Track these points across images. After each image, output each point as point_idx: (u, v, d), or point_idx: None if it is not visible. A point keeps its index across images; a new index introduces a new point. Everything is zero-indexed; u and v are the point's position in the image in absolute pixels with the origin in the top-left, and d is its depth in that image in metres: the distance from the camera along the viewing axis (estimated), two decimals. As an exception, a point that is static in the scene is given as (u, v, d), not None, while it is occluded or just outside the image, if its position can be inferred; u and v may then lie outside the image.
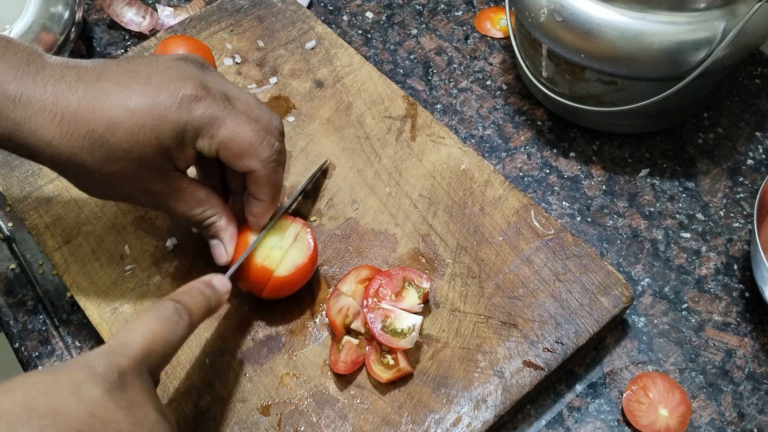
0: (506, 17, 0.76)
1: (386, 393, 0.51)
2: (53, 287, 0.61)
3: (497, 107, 0.72)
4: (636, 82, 0.61)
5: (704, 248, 0.62)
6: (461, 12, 0.80)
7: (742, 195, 0.65)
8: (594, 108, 0.64)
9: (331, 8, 0.81)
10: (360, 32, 0.78)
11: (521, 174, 0.67)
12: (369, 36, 0.78)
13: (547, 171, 0.67)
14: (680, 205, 0.65)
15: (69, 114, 0.44)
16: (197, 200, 0.49)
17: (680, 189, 0.66)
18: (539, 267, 0.55)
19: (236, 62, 0.69)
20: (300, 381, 0.51)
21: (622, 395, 0.54)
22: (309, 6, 0.81)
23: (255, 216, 0.51)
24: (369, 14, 0.80)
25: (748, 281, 0.60)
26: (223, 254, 0.51)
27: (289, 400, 0.51)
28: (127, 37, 0.79)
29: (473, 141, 0.69)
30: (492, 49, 0.77)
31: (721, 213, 0.64)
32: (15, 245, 0.64)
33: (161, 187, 0.48)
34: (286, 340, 0.53)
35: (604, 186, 0.66)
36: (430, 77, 0.74)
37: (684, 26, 0.56)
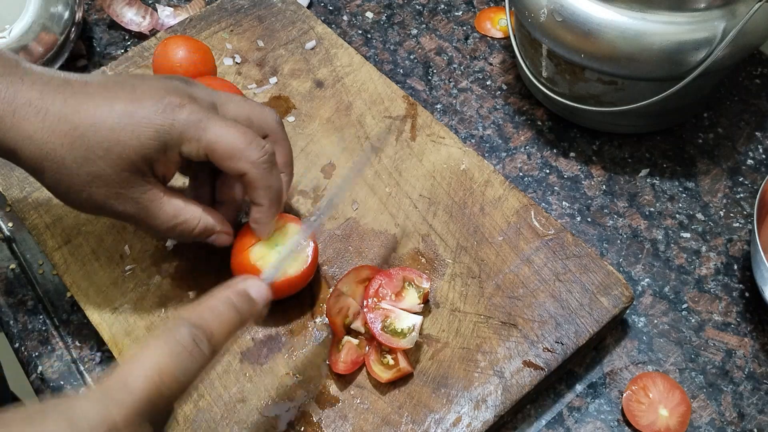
0: (506, 17, 0.76)
1: (386, 393, 0.51)
2: (53, 287, 0.61)
3: (497, 107, 0.72)
4: (636, 82, 0.61)
5: (704, 248, 0.62)
6: (461, 12, 0.80)
7: (742, 195, 0.65)
8: (594, 108, 0.64)
9: (331, 8, 0.81)
10: (360, 32, 0.78)
11: (521, 174, 0.67)
12: (369, 36, 0.78)
13: (547, 171, 0.67)
14: (680, 205, 0.65)
15: (54, 110, 0.44)
16: (175, 210, 0.48)
17: (680, 189, 0.66)
18: (539, 267, 0.55)
19: (236, 62, 0.69)
20: (300, 381, 0.51)
21: (622, 395, 0.54)
22: (309, 6, 0.81)
23: (257, 222, 0.50)
24: (369, 14, 0.80)
25: (748, 281, 0.60)
26: (224, 240, 0.50)
27: (289, 400, 0.51)
28: (127, 37, 0.79)
29: (473, 141, 0.69)
30: (492, 49, 0.77)
31: (721, 213, 0.64)
32: (15, 245, 0.64)
33: (137, 195, 0.46)
34: (286, 340, 0.53)
35: (604, 186, 0.66)
36: (430, 77, 0.74)
37: (684, 26, 0.56)
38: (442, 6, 0.81)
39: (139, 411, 0.32)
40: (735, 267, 0.61)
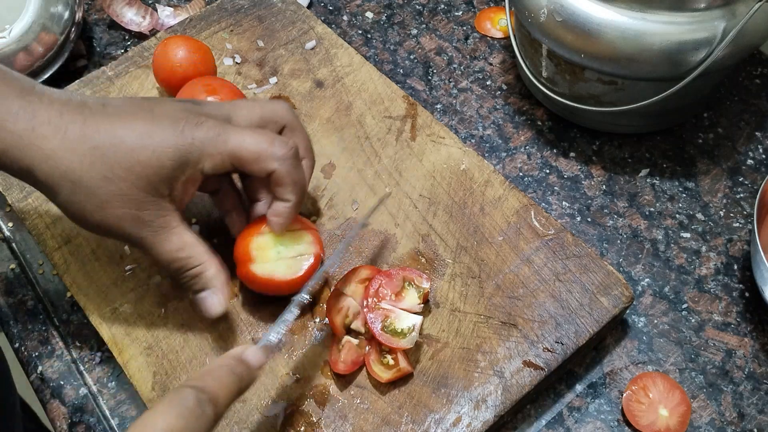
0: (506, 17, 0.76)
1: (386, 393, 0.51)
2: (53, 287, 0.61)
3: (497, 107, 0.72)
4: (636, 82, 0.61)
5: (704, 248, 0.62)
6: (461, 12, 0.80)
7: (742, 195, 0.65)
8: (594, 108, 0.64)
9: (331, 8, 0.81)
10: (360, 32, 0.78)
11: (521, 174, 0.67)
12: (369, 36, 0.78)
13: (547, 171, 0.67)
14: (680, 205, 0.65)
15: (74, 130, 0.44)
16: (183, 243, 0.48)
17: (680, 189, 0.66)
18: (539, 267, 0.55)
19: (236, 62, 0.69)
20: (300, 381, 0.51)
21: (622, 395, 0.54)
22: (309, 6, 0.81)
23: (278, 215, 0.50)
24: (369, 14, 0.80)
25: (748, 281, 0.60)
26: (216, 304, 0.49)
27: (289, 400, 0.51)
28: (127, 37, 0.79)
29: (473, 141, 0.69)
30: (492, 49, 0.77)
31: (721, 213, 0.64)
32: (15, 245, 0.64)
33: (152, 218, 0.46)
34: (286, 340, 0.53)
35: (604, 186, 0.66)
36: (430, 77, 0.74)
37: (684, 26, 0.56)
38: (442, 6, 0.81)
39: None
40: (735, 267, 0.61)
